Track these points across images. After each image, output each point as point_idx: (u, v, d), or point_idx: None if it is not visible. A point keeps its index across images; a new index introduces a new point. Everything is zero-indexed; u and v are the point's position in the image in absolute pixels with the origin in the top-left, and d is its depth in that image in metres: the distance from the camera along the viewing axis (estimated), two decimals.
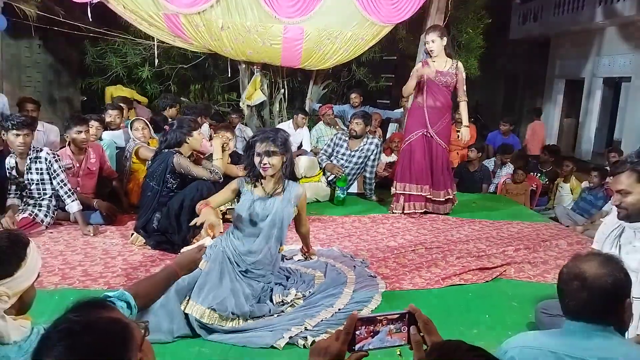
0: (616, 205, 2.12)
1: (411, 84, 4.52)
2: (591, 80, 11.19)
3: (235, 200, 2.77)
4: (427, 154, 4.58)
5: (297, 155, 6.27)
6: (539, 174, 6.41)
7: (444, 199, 4.68)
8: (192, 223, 2.48)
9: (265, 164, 2.50)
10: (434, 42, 4.46)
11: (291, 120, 6.53)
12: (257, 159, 2.53)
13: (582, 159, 10.24)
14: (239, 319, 2.36)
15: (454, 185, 4.99)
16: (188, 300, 2.34)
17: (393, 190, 4.68)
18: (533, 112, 9.93)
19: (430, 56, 4.53)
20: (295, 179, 2.80)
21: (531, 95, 14.04)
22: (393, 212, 4.64)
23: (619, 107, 10.81)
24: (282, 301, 2.58)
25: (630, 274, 2.01)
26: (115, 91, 7.17)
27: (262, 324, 2.38)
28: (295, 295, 2.62)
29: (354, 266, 3.14)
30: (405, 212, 4.60)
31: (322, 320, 2.42)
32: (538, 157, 7.24)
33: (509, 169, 6.27)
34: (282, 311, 2.52)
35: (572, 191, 5.93)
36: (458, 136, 6.91)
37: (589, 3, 10.33)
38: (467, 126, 4.71)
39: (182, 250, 2.18)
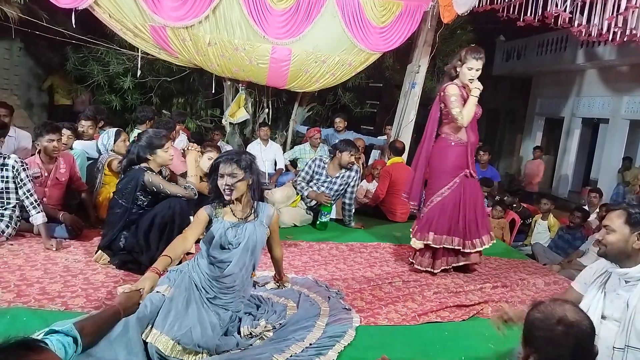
0: (598, 240, 2.10)
1: (473, 108, 3.70)
2: (570, 119, 11.45)
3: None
4: (464, 198, 3.80)
5: (276, 179, 6.23)
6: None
7: (481, 247, 3.90)
8: (122, 290, 2.09)
9: (229, 185, 2.39)
10: (479, 70, 3.76)
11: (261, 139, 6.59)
12: (220, 182, 2.42)
13: (558, 196, 10.39)
14: (202, 353, 2.21)
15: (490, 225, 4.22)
16: (151, 328, 2.18)
17: (418, 244, 3.84)
18: (537, 150, 10.19)
19: (459, 82, 3.78)
20: (264, 199, 2.68)
21: (511, 130, 14.30)
22: (415, 267, 3.88)
23: (596, 147, 11.06)
24: (251, 334, 2.43)
25: (613, 323, 1.98)
26: (56, 81, 7.05)
27: (227, 358, 2.24)
28: (265, 327, 2.48)
29: (329, 297, 3.02)
30: (435, 269, 3.83)
31: (291, 356, 2.29)
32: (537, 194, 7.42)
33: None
34: (250, 344, 2.38)
35: (550, 229, 5.95)
36: None
37: (572, 45, 10.63)
38: None
39: (119, 290, 2.08)
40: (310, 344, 2.43)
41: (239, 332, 2.41)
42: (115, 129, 4.56)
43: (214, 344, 2.23)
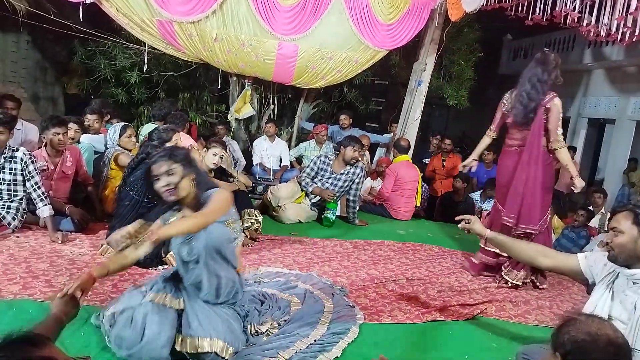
0: (606, 244, 2.08)
1: None
2: (576, 119, 11.39)
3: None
4: None
5: (280, 175, 6.23)
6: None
7: None
8: (63, 293, 1.81)
9: (168, 184, 2.15)
10: None
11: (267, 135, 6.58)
12: (157, 185, 2.16)
13: (563, 195, 10.33)
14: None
15: None
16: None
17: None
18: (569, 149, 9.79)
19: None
20: (213, 186, 2.35)
21: None
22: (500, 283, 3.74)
23: (601, 147, 11.00)
24: (257, 331, 2.43)
25: (619, 325, 1.97)
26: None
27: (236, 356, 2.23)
28: (271, 324, 2.49)
29: (333, 294, 3.03)
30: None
31: (296, 353, 2.30)
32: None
33: (490, 204, 6.25)
34: (254, 343, 2.38)
35: (554, 230, 5.92)
36: (443, 165, 6.96)
37: (579, 44, 10.56)
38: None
39: (54, 301, 1.80)
40: (315, 341, 2.44)
41: (244, 331, 2.40)
42: (122, 123, 4.57)
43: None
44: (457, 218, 2.59)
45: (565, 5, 4.81)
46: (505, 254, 3.57)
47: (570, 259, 2.31)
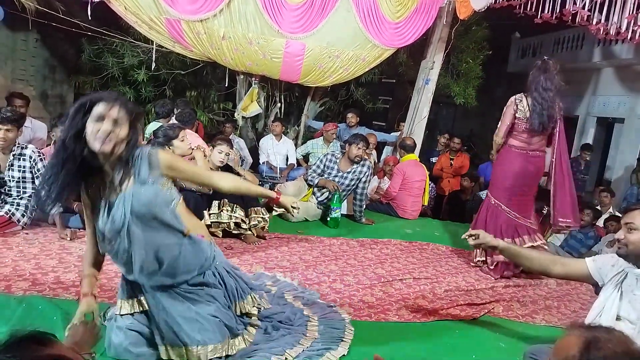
0: (618, 240, 2.06)
1: None
2: (585, 118, 11.30)
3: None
4: None
5: (287, 174, 6.24)
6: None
7: None
8: (69, 327, 1.81)
9: (106, 131, 1.76)
10: None
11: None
12: (95, 126, 1.75)
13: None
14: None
15: None
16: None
17: None
18: (586, 149, 8.97)
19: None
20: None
21: None
22: None
23: (610, 147, 10.90)
24: (242, 311, 2.25)
25: (628, 325, 1.96)
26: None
27: (241, 354, 2.19)
28: (253, 302, 2.29)
29: (303, 297, 2.89)
30: None
31: (303, 351, 2.28)
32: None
33: None
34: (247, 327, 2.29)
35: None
36: (451, 164, 6.94)
37: (588, 43, 10.47)
38: None
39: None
40: (315, 338, 2.42)
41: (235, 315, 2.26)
42: None
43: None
44: (463, 237, 2.52)
45: (575, 3, 4.77)
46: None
47: (579, 264, 2.29)
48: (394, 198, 5.57)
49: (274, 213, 2.41)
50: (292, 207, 2.53)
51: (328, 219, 4.81)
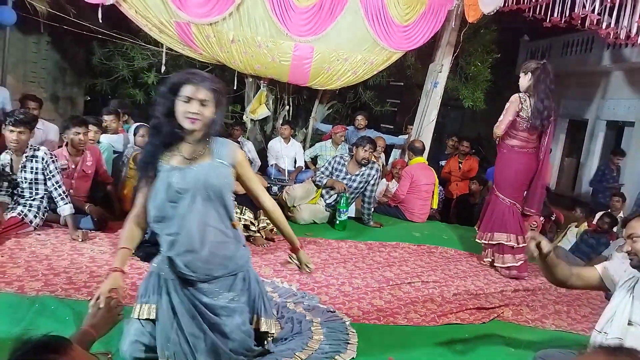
0: (628, 252, 2.04)
1: None
2: (595, 122, 11.22)
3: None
4: None
5: (295, 176, 6.25)
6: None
7: None
8: (92, 304, 1.75)
9: (195, 113, 1.91)
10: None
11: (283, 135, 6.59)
12: (184, 107, 1.91)
13: (580, 199, 10.19)
14: None
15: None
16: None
17: None
18: (617, 154, 8.59)
19: None
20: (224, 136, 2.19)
21: None
22: None
23: None
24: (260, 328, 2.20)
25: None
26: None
27: None
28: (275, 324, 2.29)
29: (303, 302, 2.87)
30: None
31: (312, 353, 2.30)
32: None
33: None
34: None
35: (577, 235, 5.82)
36: (459, 167, 6.92)
37: (597, 46, 10.41)
38: None
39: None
40: (321, 341, 2.42)
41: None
42: (137, 123, 4.64)
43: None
44: (526, 242, 2.27)
45: (584, 7, 4.75)
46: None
47: (591, 272, 2.25)
48: (402, 201, 5.56)
49: (288, 261, 2.34)
50: (306, 265, 2.36)
51: (336, 221, 4.82)
